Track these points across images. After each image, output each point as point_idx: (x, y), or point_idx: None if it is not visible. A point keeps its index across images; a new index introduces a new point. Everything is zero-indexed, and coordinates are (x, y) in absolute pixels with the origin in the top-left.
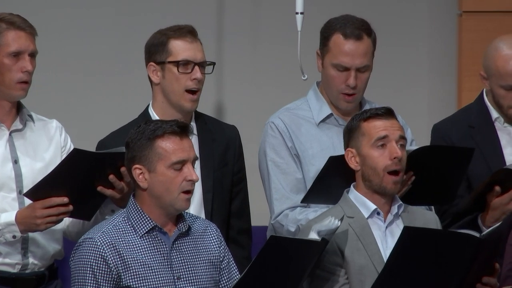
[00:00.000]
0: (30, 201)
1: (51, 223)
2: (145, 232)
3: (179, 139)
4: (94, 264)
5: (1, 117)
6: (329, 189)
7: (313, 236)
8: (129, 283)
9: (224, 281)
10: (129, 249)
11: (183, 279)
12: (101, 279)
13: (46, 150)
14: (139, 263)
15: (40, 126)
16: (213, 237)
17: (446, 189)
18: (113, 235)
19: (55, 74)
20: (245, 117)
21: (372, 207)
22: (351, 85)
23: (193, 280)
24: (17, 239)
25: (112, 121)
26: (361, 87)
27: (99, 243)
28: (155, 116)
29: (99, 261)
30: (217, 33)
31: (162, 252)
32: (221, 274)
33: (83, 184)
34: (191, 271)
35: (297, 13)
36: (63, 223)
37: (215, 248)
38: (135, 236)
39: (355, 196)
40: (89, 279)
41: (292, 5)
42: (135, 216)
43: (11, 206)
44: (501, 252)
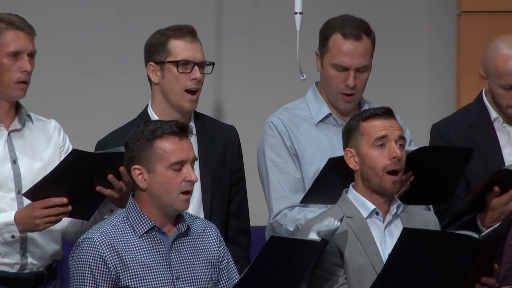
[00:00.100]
0: (28, 201)
1: (50, 223)
2: (144, 232)
3: (178, 139)
4: (92, 264)
5: (0, 117)
6: (328, 190)
7: (313, 236)
8: (128, 283)
9: (223, 281)
10: (128, 249)
11: (182, 279)
12: (100, 279)
13: (44, 150)
14: (138, 263)
15: (38, 126)
16: (212, 237)
17: (444, 189)
18: (112, 235)
19: (54, 74)
20: (244, 117)
21: (371, 207)
22: (350, 85)
23: (192, 280)
24: (16, 239)
25: (111, 121)
26: (360, 87)
27: (98, 243)
28: (154, 116)
29: (97, 261)
30: (216, 33)
31: (161, 252)
32: (220, 274)
33: (82, 184)
34: (190, 271)
35: (296, 13)
36: (62, 223)
37: (214, 248)
38: (134, 236)
39: (354, 196)
40: (87, 279)
41: (291, 5)
42: (134, 216)
43: (10, 206)
44: (499, 252)
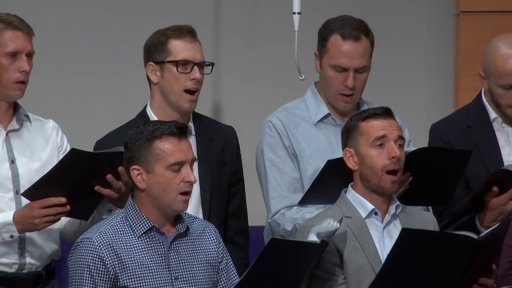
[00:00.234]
0: (27, 201)
1: (49, 223)
2: (142, 232)
3: (177, 140)
4: (91, 264)
5: None
6: (326, 191)
7: (313, 238)
8: (126, 283)
9: (222, 282)
10: (126, 249)
11: (180, 280)
12: (98, 279)
13: (42, 150)
14: (137, 263)
15: (36, 126)
16: (212, 238)
17: (443, 190)
18: (111, 235)
19: (53, 74)
20: (242, 117)
21: (370, 207)
22: (350, 86)
23: (190, 280)
24: (14, 239)
25: (110, 121)
26: (359, 88)
27: (96, 243)
28: (153, 116)
29: (96, 261)
30: (214, 33)
31: (159, 252)
32: (219, 275)
33: (81, 183)
34: (188, 272)
35: (294, 13)
36: (60, 223)
37: (214, 248)
38: (132, 236)
39: (352, 196)
40: (86, 279)
41: (289, 5)
42: (133, 216)
43: (8, 206)
44: (497, 252)
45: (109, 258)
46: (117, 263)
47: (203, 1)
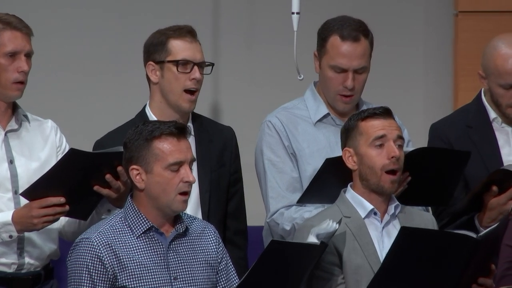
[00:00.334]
0: (26, 201)
1: (48, 223)
2: (141, 232)
3: (176, 140)
4: (90, 264)
5: None
6: (325, 189)
7: (312, 239)
8: (125, 283)
9: (222, 282)
10: (125, 249)
11: (179, 280)
12: (97, 279)
13: (41, 150)
14: (135, 263)
15: (35, 126)
16: (211, 238)
17: (442, 190)
18: (110, 235)
19: (52, 74)
20: (241, 117)
21: (369, 207)
22: (349, 86)
23: (189, 280)
24: (13, 239)
25: (109, 121)
26: (359, 89)
27: (95, 243)
28: (152, 116)
29: (95, 261)
30: (213, 33)
31: (158, 252)
32: (219, 275)
33: (80, 183)
34: (187, 272)
35: (293, 13)
36: (59, 223)
37: (213, 249)
38: (131, 236)
39: (352, 195)
40: (85, 279)
41: (288, 5)
42: (132, 216)
43: (7, 206)
44: (497, 252)
45: (108, 258)
46: (115, 263)
47: (202, 1)
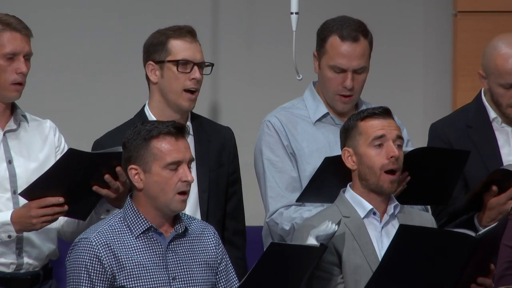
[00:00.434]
0: (24, 201)
1: (47, 223)
2: (140, 232)
3: (174, 139)
4: (88, 264)
5: None
6: (324, 189)
7: (312, 241)
8: (124, 283)
9: (222, 284)
10: (124, 249)
11: (178, 280)
12: (96, 279)
13: (40, 150)
14: (134, 263)
15: (34, 126)
16: (211, 239)
17: (441, 190)
18: (109, 235)
19: (51, 74)
20: (240, 117)
21: (368, 207)
22: (348, 86)
23: (188, 281)
24: (12, 239)
25: (108, 121)
26: (358, 89)
27: (94, 243)
28: (151, 115)
29: (93, 261)
30: (212, 33)
31: (157, 252)
32: (218, 276)
33: (79, 183)
34: (186, 272)
35: (292, 13)
36: (58, 222)
37: (212, 250)
38: (130, 236)
39: (351, 195)
40: (83, 279)
41: (287, 5)
42: (131, 216)
43: (5, 206)
44: (496, 252)
45: (107, 258)
46: (114, 263)
47: (202, 1)
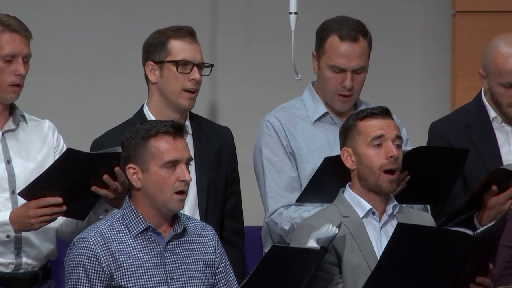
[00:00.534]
0: (23, 201)
1: (45, 223)
2: (138, 232)
3: (172, 139)
4: (86, 263)
5: None
6: (324, 189)
7: (312, 244)
8: (121, 283)
9: (221, 285)
10: (122, 249)
11: (176, 280)
12: (94, 279)
13: (38, 150)
14: (132, 263)
15: (32, 126)
16: (210, 240)
17: (440, 189)
18: (107, 235)
19: (51, 74)
20: (238, 117)
21: (367, 207)
22: (348, 86)
23: (186, 281)
24: (11, 238)
25: (107, 121)
26: (357, 89)
27: (92, 242)
28: (150, 115)
29: (91, 261)
30: (211, 33)
31: (155, 252)
32: (218, 277)
33: (77, 183)
34: (184, 272)
35: (291, 13)
36: (56, 222)
37: (211, 250)
38: (128, 236)
39: (350, 195)
40: (81, 279)
41: (285, 5)
42: (129, 216)
43: (4, 206)
44: (494, 251)
45: (104, 257)
46: (112, 262)
47: (200, 1)
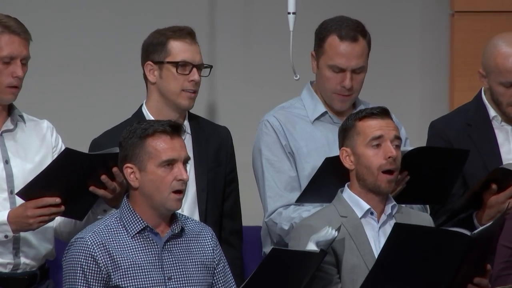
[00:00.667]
0: (21, 201)
1: (43, 223)
2: (136, 232)
3: (169, 138)
4: (84, 263)
5: None
6: (324, 189)
7: (312, 247)
8: (119, 283)
9: (219, 285)
10: (119, 249)
11: (174, 280)
12: (91, 279)
13: (37, 150)
14: (129, 263)
15: (31, 126)
16: (208, 240)
17: (440, 189)
18: (104, 235)
19: (50, 74)
20: (237, 117)
21: (365, 207)
22: (347, 86)
23: (184, 281)
24: (9, 238)
25: (106, 121)
26: (357, 88)
27: (89, 242)
28: (148, 115)
29: (89, 261)
30: (209, 33)
31: (153, 252)
32: (216, 278)
33: (76, 184)
34: (182, 272)
35: (289, 13)
36: (55, 222)
37: (209, 251)
38: (126, 236)
39: (349, 195)
40: (79, 278)
41: (284, 5)
42: (127, 216)
43: (2, 206)
44: (492, 251)
45: (102, 257)
46: (109, 262)
47: (198, 1)
